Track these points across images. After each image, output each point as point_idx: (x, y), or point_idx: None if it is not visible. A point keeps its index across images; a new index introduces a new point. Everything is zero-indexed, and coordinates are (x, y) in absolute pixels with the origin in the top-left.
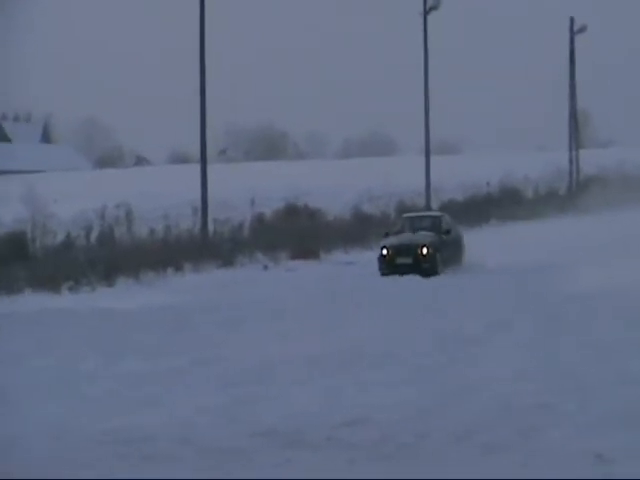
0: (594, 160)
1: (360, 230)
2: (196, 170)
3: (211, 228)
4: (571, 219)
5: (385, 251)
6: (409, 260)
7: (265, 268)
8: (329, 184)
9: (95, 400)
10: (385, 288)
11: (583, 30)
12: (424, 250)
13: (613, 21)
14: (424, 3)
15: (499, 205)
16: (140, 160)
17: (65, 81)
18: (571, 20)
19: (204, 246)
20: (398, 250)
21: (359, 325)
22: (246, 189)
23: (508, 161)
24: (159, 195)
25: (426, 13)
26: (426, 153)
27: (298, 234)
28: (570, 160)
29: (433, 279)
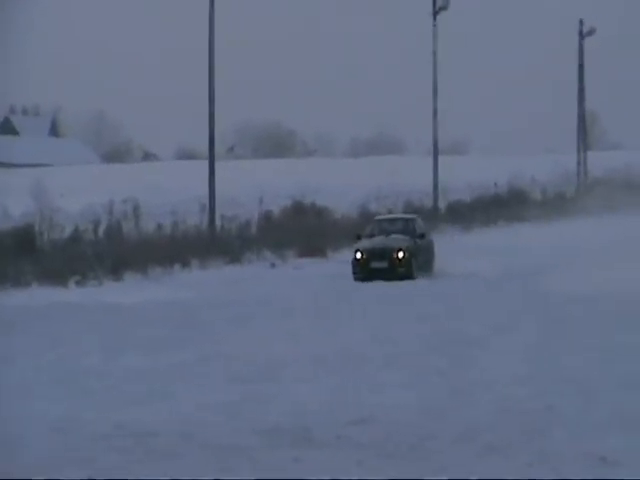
0: (601, 163)
1: None
2: (204, 166)
3: (219, 225)
4: (578, 222)
5: (359, 255)
6: (384, 264)
7: (272, 266)
8: (337, 183)
9: (99, 394)
10: (390, 289)
11: (592, 33)
12: (400, 254)
13: (621, 24)
14: (433, 3)
15: (506, 206)
16: (148, 155)
17: (74, 76)
18: (580, 22)
19: (211, 243)
20: (372, 254)
21: (364, 325)
22: (254, 186)
23: (516, 162)
24: (167, 190)
25: (435, 13)
26: (434, 153)
27: (305, 232)
28: (578, 162)
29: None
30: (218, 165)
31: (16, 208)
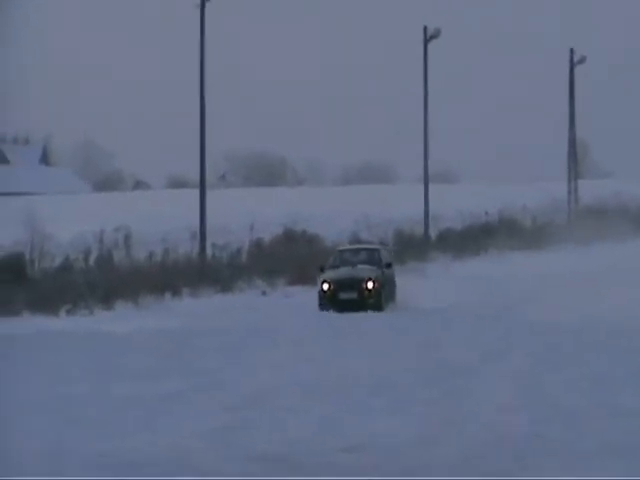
0: (592, 191)
1: None
2: (195, 195)
3: (209, 253)
4: (568, 250)
5: (326, 286)
6: (354, 295)
7: (263, 294)
8: (327, 210)
9: (88, 423)
10: (384, 317)
11: (583, 61)
12: (369, 284)
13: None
14: (424, 32)
15: (497, 234)
16: (139, 184)
17: (63, 104)
18: (571, 51)
19: (202, 271)
20: (341, 284)
21: (356, 354)
22: (245, 214)
23: (506, 190)
24: (158, 219)
25: (426, 42)
26: (425, 181)
27: (296, 260)
28: (569, 191)
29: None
30: (209, 193)
31: (7, 237)
